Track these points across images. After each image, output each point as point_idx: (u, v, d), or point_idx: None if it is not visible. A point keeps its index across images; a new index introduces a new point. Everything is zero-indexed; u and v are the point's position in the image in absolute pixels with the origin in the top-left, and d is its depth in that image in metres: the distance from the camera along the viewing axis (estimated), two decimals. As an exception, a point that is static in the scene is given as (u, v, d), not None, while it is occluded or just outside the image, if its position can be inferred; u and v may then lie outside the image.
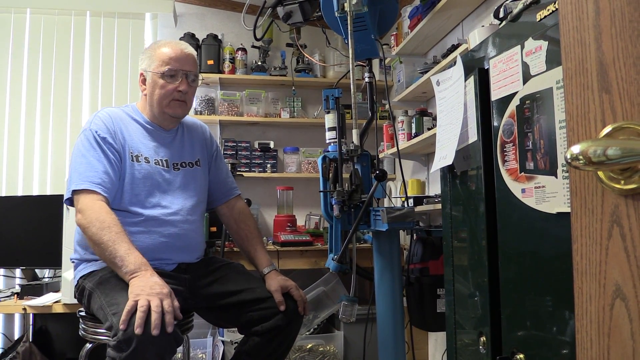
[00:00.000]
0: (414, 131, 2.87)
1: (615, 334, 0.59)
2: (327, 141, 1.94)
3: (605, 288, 0.60)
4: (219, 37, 3.58)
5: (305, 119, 3.66)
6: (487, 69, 1.29)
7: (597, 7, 0.63)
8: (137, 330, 1.32)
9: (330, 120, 1.92)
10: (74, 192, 1.64)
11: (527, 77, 1.13)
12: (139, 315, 1.34)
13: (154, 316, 1.35)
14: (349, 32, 1.79)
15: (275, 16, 2.25)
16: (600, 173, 0.61)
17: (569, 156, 0.57)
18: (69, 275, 2.40)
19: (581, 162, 0.57)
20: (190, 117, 2.00)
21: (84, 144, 1.71)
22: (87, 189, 1.62)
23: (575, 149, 0.57)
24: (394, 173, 3.58)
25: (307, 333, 2.93)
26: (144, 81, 1.83)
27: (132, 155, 1.75)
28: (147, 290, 1.40)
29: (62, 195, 2.62)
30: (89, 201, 1.60)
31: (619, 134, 0.59)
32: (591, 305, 0.62)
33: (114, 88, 3.57)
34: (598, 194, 0.62)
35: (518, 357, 1.13)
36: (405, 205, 1.88)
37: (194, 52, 1.87)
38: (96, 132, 1.71)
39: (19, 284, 2.95)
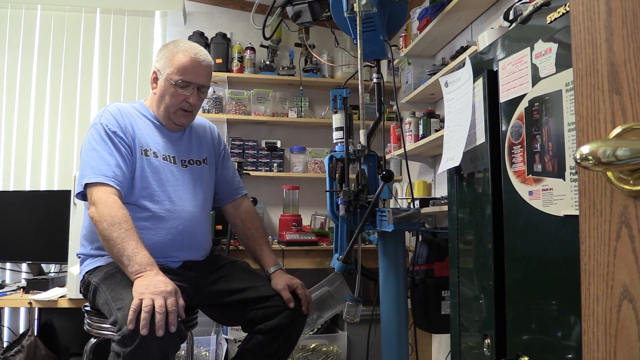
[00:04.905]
0: (421, 132, 2.86)
1: (622, 335, 0.58)
2: (334, 141, 1.94)
3: (612, 289, 0.60)
4: (228, 36, 3.59)
5: (312, 119, 3.66)
6: (496, 71, 1.29)
7: (609, 7, 0.62)
8: (143, 332, 1.33)
9: (337, 120, 1.92)
10: (87, 185, 1.64)
11: (536, 79, 1.12)
12: (144, 316, 1.34)
13: (158, 317, 1.35)
14: (358, 32, 1.79)
15: (284, 16, 2.26)
16: (609, 174, 0.60)
17: (578, 156, 0.57)
18: (74, 270, 2.41)
19: (590, 162, 0.56)
20: (199, 117, 2.01)
21: (95, 137, 1.71)
22: (101, 182, 1.62)
23: (585, 149, 0.57)
24: (401, 174, 3.57)
25: (311, 333, 2.93)
26: (155, 80, 1.82)
27: (141, 150, 1.76)
28: (151, 289, 1.40)
29: (69, 191, 2.66)
30: (103, 194, 1.60)
31: (629, 134, 0.58)
32: (598, 306, 0.62)
33: (122, 85, 3.59)
34: (607, 194, 0.61)
35: (522, 360, 1.13)
36: (411, 207, 1.88)
37: (211, 63, 1.83)
38: (107, 125, 1.72)
39: (25, 279, 2.97)
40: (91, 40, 3.58)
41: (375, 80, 2.02)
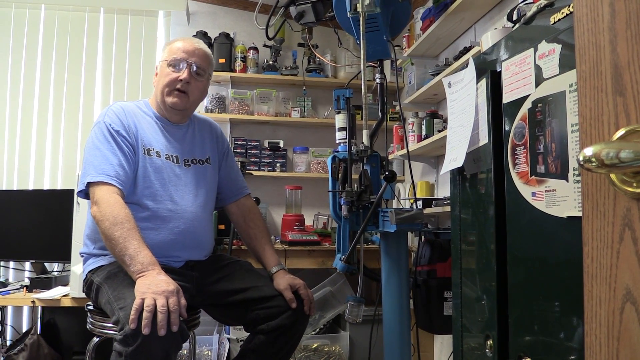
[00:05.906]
0: (424, 133, 2.86)
1: (625, 337, 0.58)
2: (337, 141, 1.94)
3: (615, 291, 0.60)
4: (231, 36, 3.59)
5: (315, 119, 3.67)
6: (500, 72, 1.29)
7: (613, 9, 0.62)
8: (145, 331, 1.33)
9: (340, 120, 1.92)
10: (90, 184, 1.65)
11: (539, 80, 1.12)
12: (146, 315, 1.34)
13: (160, 317, 1.35)
14: (361, 33, 1.79)
15: (287, 16, 2.25)
16: (612, 176, 0.60)
17: (581, 158, 0.57)
18: (77, 269, 2.41)
19: (594, 164, 0.56)
20: (202, 115, 2.01)
21: (98, 137, 1.71)
22: (103, 182, 1.63)
23: (588, 151, 0.56)
24: (403, 175, 3.57)
25: (313, 333, 2.93)
26: (157, 75, 1.86)
27: (144, 149, 1.76)
28: (153, 289, 1.40)
29: (72, 190, 2.67)
30: (105, 193, 1.61)
31: (632, 137, 0.58)
32: (601, 308, 0.62)
33: (126, 85, 3.60)
34: (610, 197, 0.61)
35: (525, 361, 1.13)
36: (414, 207, 1.87)
37: (207, 50, 1.87)
38: (110, 125, 1.72)
39: (29, 277, 2.98)
40: (95, 40, 3.58)
41: (378, 80, 2.02)
